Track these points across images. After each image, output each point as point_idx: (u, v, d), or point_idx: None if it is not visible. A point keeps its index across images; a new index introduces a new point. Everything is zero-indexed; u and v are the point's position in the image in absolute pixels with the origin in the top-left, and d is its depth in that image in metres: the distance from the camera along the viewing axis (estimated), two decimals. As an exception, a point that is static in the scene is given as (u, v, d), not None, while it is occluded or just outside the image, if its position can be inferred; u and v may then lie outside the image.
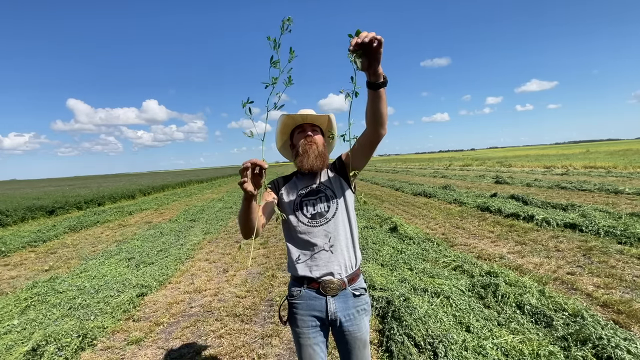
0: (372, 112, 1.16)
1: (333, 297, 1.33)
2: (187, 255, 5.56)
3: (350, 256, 1.38)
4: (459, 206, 8.37)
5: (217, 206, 11.68)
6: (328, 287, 1.32)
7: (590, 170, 15.44)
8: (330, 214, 1.37)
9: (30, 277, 4.92)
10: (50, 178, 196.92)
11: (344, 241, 1.36)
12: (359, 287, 1.39)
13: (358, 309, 1.37)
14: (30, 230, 8.73)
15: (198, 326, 3.18)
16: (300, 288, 1.37)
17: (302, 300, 1.36)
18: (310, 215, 1.37)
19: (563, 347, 2.30)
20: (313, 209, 1.37)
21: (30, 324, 3.22)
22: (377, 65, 1.03)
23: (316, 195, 1.39)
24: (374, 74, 1.06)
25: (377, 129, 1.21)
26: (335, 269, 1.33)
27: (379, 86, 1.09)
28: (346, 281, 1.35)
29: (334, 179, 1.42)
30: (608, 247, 4.39)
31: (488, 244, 5.12)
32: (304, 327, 1.36)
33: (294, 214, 1.38)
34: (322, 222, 1.36)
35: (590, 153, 33.16)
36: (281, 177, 1.49)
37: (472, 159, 39.27)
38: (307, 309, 1.35)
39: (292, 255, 1.39)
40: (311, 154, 1.35)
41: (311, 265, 1.34)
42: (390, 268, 4.07)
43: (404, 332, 2.52)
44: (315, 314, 1.35)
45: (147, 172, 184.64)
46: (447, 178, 16.83)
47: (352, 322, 1.35)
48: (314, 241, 1.34)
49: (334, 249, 1.34)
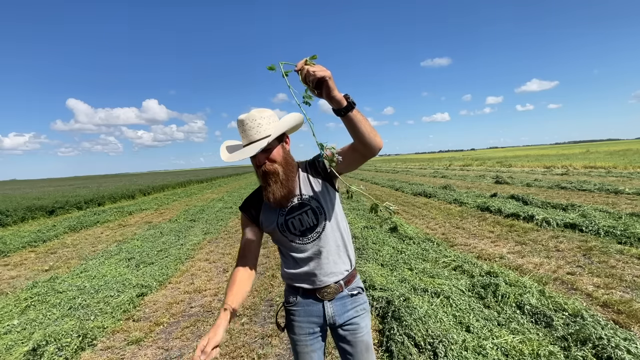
0: (355, 136, 1.07)
1: (330, 301, 1.29)
2: (187, 255, 5.56)
3: (344, 261, 1.32)
4: (459, 206, 8.37)
5: (217, 206, 11.67)
6: (325, 292, 1.28)
7: (590, 170, 15.44)
8: (320, 227, 1.26)
9: (30, 277, 4.92)
10: (50, 178, 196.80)
11: (335, 249, 1.29)
12: (356, 287, 1.35)
13: (357, 308, 1.33)
14: (30, 230, 8.73)
15: (198, 326, 3.18)
16: (297, 295, 1.33)
17: (300, 307, 1.32)
18: (300, 233, 1.26)
19: (563, 347, 2.30)
20: (301, 225, 1.25)
21: (30, 324, 3.22)
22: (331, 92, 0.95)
23: (300, 210, 1.25)
24: (333, 101, 0.97)
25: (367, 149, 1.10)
26: (332, 279, 1.28)
27: (346, 111, 1.00)
28: (343, 284, 1.30)
29: (315, 184, 1.28)
30: (608, 247, 4.39)
31: (488, 244, 5.12)
32: (302, 335, 1.32)
33: (281, 235, 1.28)
34: (314, 237, 1.26)
35: (590, 153, 33.16)
36: (250, 199, 1.33)
37: (472, 159, 39.27)
38: (304, 315, 1.31)
39: (285, 267, 1.33)
40: (275, 189, 1.19)
41: (306, 278, 1.29)
42: (390, 268, 4.07)
43: (404, 332, 2.52)
44: (314, 320, 1.31)
45: (147, 172, 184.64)
46: (447, 178, 16.83)
47: (352, 322, 1.31)
48: (307, 256, 1.27)
49: (328, 259, 1.27)
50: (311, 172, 1.30)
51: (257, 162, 1.19)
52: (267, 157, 1.18)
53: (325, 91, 0.95)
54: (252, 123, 1.16)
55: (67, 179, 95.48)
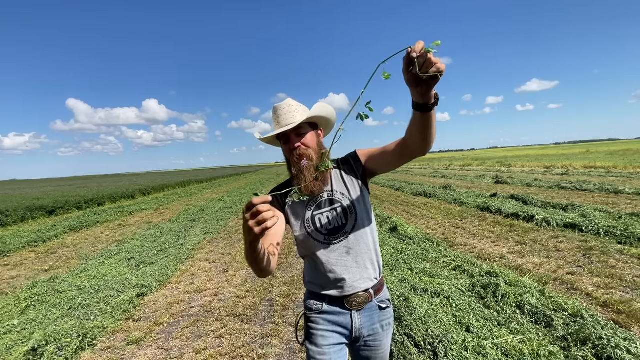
0: (422, 133, 0.97)
1: (358, 311, 1.19)
2: (187, 255, 5.56)
3: (375, 267, 1.21)
4: (459, 206, 8.37)
5: (217, 206, 11.67)
6: (354, 301, 1.17)
7: (590, 170, 15.44)
8: (349, 227, 1.17)
9: (30, 277, 4.91)
10: (50, 178, 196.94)
11: (366, 252, 1.19)
12: (385, 299, 1.25)
13: (383, 323, 1.23)
14: (30, 230, 8.73)
15: (198, 326, 3.18)
16: (321, 303, 1.20)
17: (325, 315, 1.19)
18: (327, 232, 1.17)
19: (563, 347, 2.30)
20: (329, 224, 1.17)
21: (30, 324, 3.22)
22: (433, 87, 0.83)
23: (330, 207, 1.18)
24: (424, 95, 0.84)
25: (426, 147, 1.02)
26: (362, 285, 1.18)
27: (430, 108, 0.89)
28: (372, 293, 1.20)
29: (349, 181, 1.20)
30: (608, 247, 4.39)
31: (488, 244, 5.12)
32: (325, 346, 1.18)
33: (306, 232, 1.19)
34: (342, 237, 1.17)
35: (590, 153, 33.16)
36: (280, 186, 1.23)
37: (472, 159, 39.28)
38: (329, 325, 1.19)
39: (310, 273, 1.24)
40: (306, 174, 1.10)
41: (333, 285, 1.17)
42: (390, 268, 4.07)
43: (404, 332, 2.52)
44: (339, 331, 1.19)
45: (147, 172, 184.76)
46: (447, 178, 16.83)
47: (375, 339, 1.21)
48: (334, 259, 1.17)
49: (357, 263, 1.17)
50: (344, 169, 1.23)
51: (291, 145, 1.14)
52: (300, 141, 1.14)
53: (432, 85, 0.82)
54: (289, 108, 1.14)
55: (67, 179, 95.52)
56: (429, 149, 1.04)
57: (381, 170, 1.19)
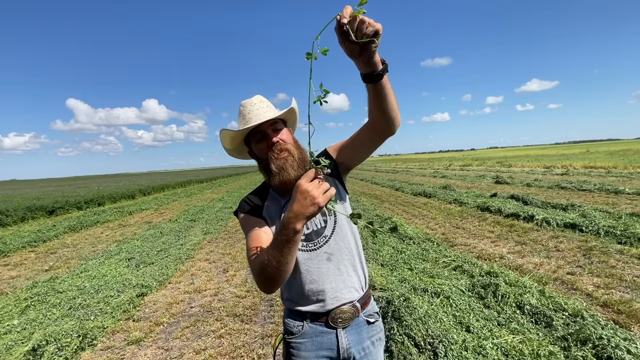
0: (380, 107, 0.91)
1: (344, 328, 1.08)
2: (187, 255, 5.56)
3: (359, 275, 1.12)
4: (459, 206, 8.37)
5: (217, 206, 11.68)
6: (339, 318, 1.06)
7: (590, 170, 15.44)
8: (328, 230, 1.08)
9: (30, 277, 4.92)
10: (50, 178, 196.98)
11: (349, 259, 1.10)
12: (372, 312, 1.16)
13: (373, 339, 1.13)
14: (30, 230, 8.73)
15: (198, 326, 3.18)
16: (302, 323, 1.08)
17: (306, 339, 1.08)
18: (304, 236, 1.07)
19: (563, 347, 2.30)
20: (306, 228, 1.07)
21: (30, 324, 3.22)
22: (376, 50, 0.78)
23: None
24: (369, 63, 0.79)
25: (390, 124, 0.97)
26: (346, 295, 1.07)
27: (379, 76, 0.83)
28: (359, 307, 1.10)
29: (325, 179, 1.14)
30: (608, 247, 4.39)
31: (488, 244, 5.12)
32: None
33: None
34: (321, 242, 1.07)
35: (590, 153, 33.16)
36: (251, 194, 1.15)
37: (472, 159, 39.27)
38: (313, 350, 1.07)
39: (288, 287, 1.11)
40: (289, 170, 1.02)
41: (314, 297, 1.06)
42: (390, 268, 4.07)
43: (404, 332, 2.52)
44: (324, 354, 1.07)
45: (147, 172, 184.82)
46: (447, 178, 16.83)
47: (367, 358, 1.11)
48: (314, 267, 1.06)
49: (339, 270, 1.08)
50: None
51: (269, 140, 1.05)
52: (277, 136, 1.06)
53: (372, 49, 0.77)
54: (260, 104, 1.07)
55: (67, 179, 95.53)
56: (395, 125, 0.98)
57: (356, 160, 1.12)
